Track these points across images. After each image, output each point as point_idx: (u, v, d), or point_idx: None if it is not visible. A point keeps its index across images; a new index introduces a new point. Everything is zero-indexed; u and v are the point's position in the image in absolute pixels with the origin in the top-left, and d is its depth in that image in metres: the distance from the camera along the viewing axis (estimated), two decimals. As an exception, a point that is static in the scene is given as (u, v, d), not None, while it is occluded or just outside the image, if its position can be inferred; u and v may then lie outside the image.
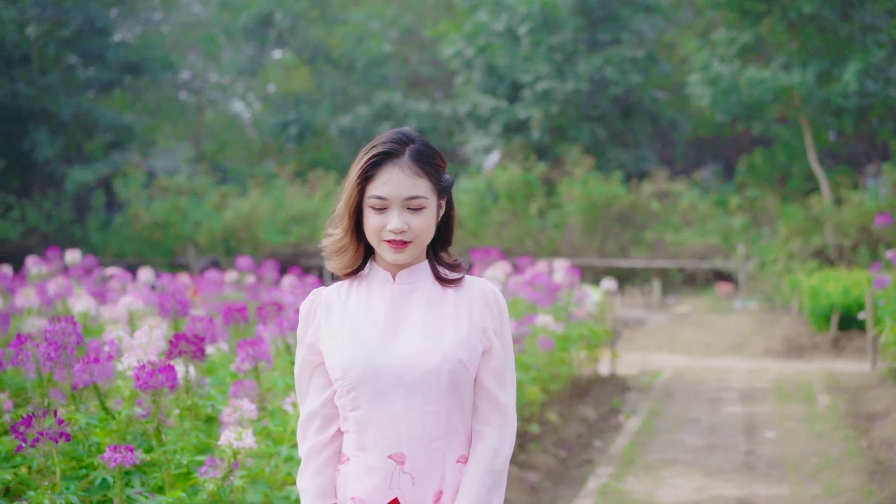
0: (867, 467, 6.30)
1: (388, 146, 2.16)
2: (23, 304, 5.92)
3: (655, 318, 15.78)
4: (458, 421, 2.19)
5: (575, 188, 20.27)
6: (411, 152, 2.16)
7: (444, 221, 2.25)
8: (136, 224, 21.94)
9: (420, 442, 2.14)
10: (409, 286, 2.20)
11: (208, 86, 31.50)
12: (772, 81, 17.73)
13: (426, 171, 2.17)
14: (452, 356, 2.14)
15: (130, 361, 3.49)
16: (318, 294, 2.26)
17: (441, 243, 2.27)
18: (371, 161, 2.15)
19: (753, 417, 8.29)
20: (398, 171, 2.14)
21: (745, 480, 6.25)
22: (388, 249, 2.16)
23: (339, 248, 2.21)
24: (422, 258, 2.23)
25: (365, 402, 2.14)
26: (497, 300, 2.24)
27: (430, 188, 2.17)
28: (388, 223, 2.14)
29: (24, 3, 21.85)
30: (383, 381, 2.13)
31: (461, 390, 2.17)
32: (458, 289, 2.23)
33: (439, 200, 2.21)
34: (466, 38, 23.47)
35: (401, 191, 2.13)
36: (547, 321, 7.19)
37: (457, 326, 2.17)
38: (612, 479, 6.28)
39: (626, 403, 8.98)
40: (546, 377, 7.14)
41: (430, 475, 2.15)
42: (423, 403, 2.14)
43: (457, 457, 2.19)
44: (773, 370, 10.92)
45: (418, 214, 2.15)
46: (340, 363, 2.15)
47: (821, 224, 17.06)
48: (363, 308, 2.20)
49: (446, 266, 2.25)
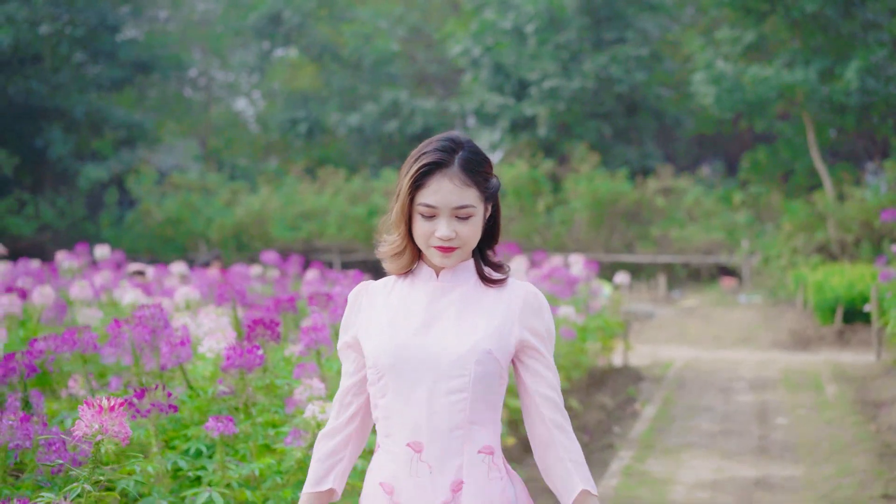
0: (876, 450, 6.62)
1: (437, 155, 2.17)
2: (77, 296, 6.24)
3: (663, 311, 16.11)
4: (484, 412, 2.20)
5: (581, 185, 20.60)
6: (460, 161, 2.18)
7: (490, 223, 2.29)
8: (149, 221, 22.26)
9: (440, 431, 2.16)
10: (451, 283, 2.25)
11: (214, 83, 31.79)
12: (775, 79, 18.04)
13: (475, 181, 2.19)
14: (480, 346, 2.16)
15: (210, 344, 3.80)
16: (365, 286, 2.33)
17: (487, 242, 2.31)
18: (421, 171, 2.17)
19: (765, 405, 8.61)
20: (447, 180, 2.16)
21: (760, 462, 6.58)
22: (436, 254, 2.20)
23: (397, 253, 2.26)
24: (468, 259, 2.27)
25: (392, 390, 2.19)
26: (539, 301, 2.27)
27: (478, 196, 2.19)
28: (436, 230, 2.17)
29: (37, 3, 22.14)
30: (411, 368, 2.17)
31: (489, 381, 2.18)
32: (501, 289, 2.26)
33: (486, 206, 2.23)
34: (474, 37, 23.80)
35: (450, 200, 2.16)
36: (569, 312, 7.51)
37: (489, 319, 2.20)
38: (634, 461, 6.61)
39: (640, 392, 9.30)
40: (569, 365, 7.47)
41: (448, 465, 2.16)
42: (447, 392, 2.16)
43: (479, 447, 2.19)
44: (781, 361, 11.24)
45: (466, 223, 2.18)
46: (373, 351, 2.21)
47: (823, 220, 17.37)
48: (403, 301, 2.26)
49: (491, 266, 2.29)
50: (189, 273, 8.66)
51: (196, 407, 3.63)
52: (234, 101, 33.01)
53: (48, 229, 22.36)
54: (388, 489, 2.19)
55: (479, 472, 2.18)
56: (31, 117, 22.48)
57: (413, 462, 2.16)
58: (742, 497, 5.74)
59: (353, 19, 28.09)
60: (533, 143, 23.26)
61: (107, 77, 24.32)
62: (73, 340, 3.68)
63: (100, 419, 2.38)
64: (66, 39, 22.94)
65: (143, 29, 28.43)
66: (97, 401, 2.41)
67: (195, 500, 3.04)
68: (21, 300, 5.77)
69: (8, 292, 5.95)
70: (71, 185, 23.30)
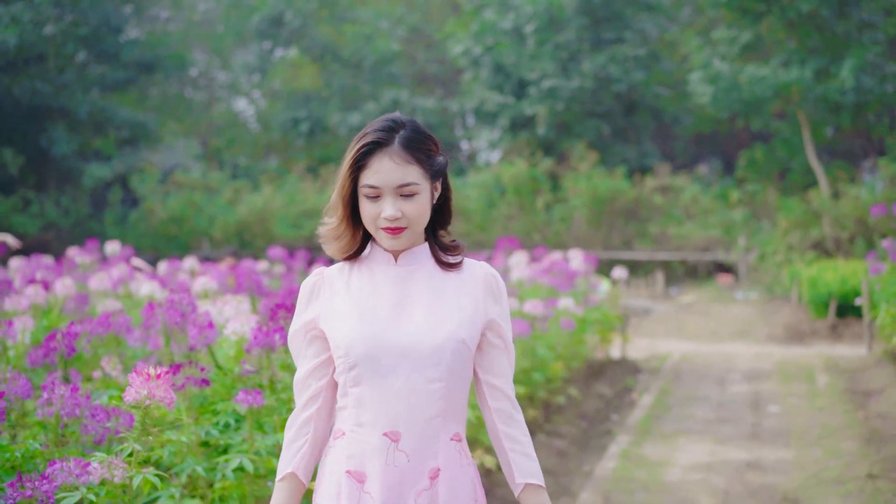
0: (864, 435, 6.89)
1: (376, 135, 2.17)
2: (97, 287, 6.51)
3: (660, 307, 16.38)
4: (457, 400, 2.22)
5: (580, 183, 20.88)
6: (401, 139, 2.18)
7: (441, 203, 2.29)
8: (152, 219, 22.53)
9: (418, 420, 2.17)
10: (412, 267, 2.25)
11: (215, 83, 32.05)
12: (771, 79, 18.32)
13: (416, 158, 2.18)
14: (455, 335, 2.18)
15: (235, 327, 4.06)
16: (320, 274, 2.31)
17: (440, 223, 2.31)
18: (361, 151, 2.17)
19: (758, 395, 8.88)
20: (388, 159, 2.16)
21: (752, 446, 6.85)
22: (385, 236, 2.20)
23: (335, 235, 2.26)
24: (421, 240, 2.27)
25: (367, 379, 2.17)
26: (498, 284, 2.29)
27: (422, 174, 2.19)
28: (382, 211, 2.17)
29: (42, 4, 22.39)
30: (387, 358, 2.17)
31: (462, 369, 2.21)
32: (459, 271, 2.28)
33: (433, 184, 2.23)
34: (474, 37, 24.08)
35: (391, 179, 2.16)
36: (568, 304, 7.78)
37: (459, 307, 2.22)
38: (632, 446, 6.88)
39: (638, 383, 9.57)
40: (568, 355, 7.74)
41: (425, 453, 2.18)
42: (424, 381, 2.17)
43: (451, 435, 2.22)
44: (776, 354, 11.51)
45: (411, 201, 2.18)
46: (345, 341, 2.18)
47: (819, 217, 17.62)
48: (367, 288, 2.24)
49: (445, 247, 2.29)
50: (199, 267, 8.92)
51: (221, 385, 3.90)
52: (235, 101, 33.28)
53: (53, 227, 22.62)
54: (359, 477, 2.18)
55: (453, 460, 2.21)
56: (35, 117, 22.73)
57: (390, 451, 2.16)
58: (734, 477, 6.01)
59: (354, 20, 28.37)
60: (532, 141, 23.54)
61: (111, 77, 24.58)
62: (107, 323, 3.95)
63: (148, 385, 2.64)
64: (71, 40, 23.19)
65: (145, 29, 28.70)
66: (145, 369, 2.67)
67: (227, 465, 3.31)
68: (45, 291, 6.04)
69: (31, 284, 6.22)
70: (75, 184, 23.57)
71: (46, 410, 3.09)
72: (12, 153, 22.10)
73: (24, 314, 5.72)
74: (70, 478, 2.68)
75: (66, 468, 2.67)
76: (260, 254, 20.20)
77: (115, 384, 4.08)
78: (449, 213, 2.31)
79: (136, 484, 2.67)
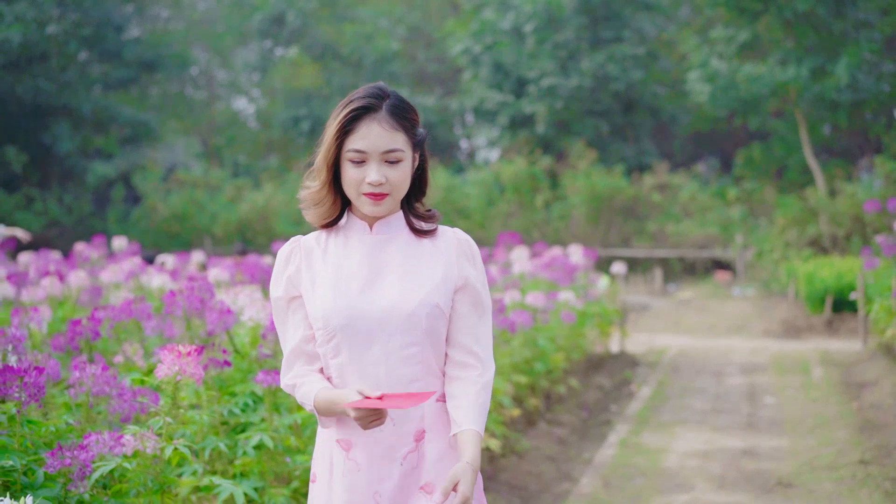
0: (857, 424, 7.08)
1: (366, 101, 2.20)
2: (110, 280, 6.68)
3: (659, 303, 16.57)
4: (434, 362, 2.25)
5: (579, 181, 21.07)
6: (388, 106, 2.20)
7: (419, 174, 2.31)
8: (154, 216, 22.72)
9: (399, 385, 2.19)
10: (386, 236, 2.27)
11: (216, 82, 32.23)
12: (768, 77, 18.51)
13: (402, 125, 2.21)
14: (429, 300, 2.21)
15: (251, 314, 4.23)
16: (296, 242, 2.33)
17: (415, 195, 2.32)
18: (350, 115, 2.19)
19: (754, 387, 9.07)
20: (376, 125, 2.18)
21: (748, 435, 7.03)
22: (367, 202, 2.21)
23: (317, 200, 2.27)
24: (397, 209, 2.29)
25: (345, 349, 2.20)
26: (472, 248, 2.32)
27: (407, 141, 2.22)
28: (366, 176, 2.19)
29: (45, 3, 22.56)
30: (363, 327, 2.19)
31: (437, 333, 2.24)
32: (434, 238, 2.30)
33: (414, 153, 2.26)
34: (474, 36, 24.27)
35: (379, 144, 2.18)
36: (569, 297, 7.96)
37: (432, 273, 2.24)
38: (631, 435, 7.07)
39: (636, 376, 9.76)
40: (569, 347, 7.92)
41: (410, 416, 2.22)
42: (401, 347, 2.19)
43: (437, 396, 2.25)
44: (772, 348, 11.70)
45: (396, 167, 2.20)
46: (322, 312, 2.21)
47: (816, 215, 17.81)
48: (342, 258, 2.26)
49: (420, 216, 2.31)
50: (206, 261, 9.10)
51: (237, 369, 4.07)
52: (235, 100, 33.46)
53: (56, 225, 22.79)
54: (346, 445, 2.22)
55: (439, 420, 2.25)
56: (38, 115, 22.91)
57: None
58: (730, 463, 6.19)
59: (354, 19, 28.56)
60: (531, 139, 23.73)
61: (113, 76, 24.76)
62: (129, 310, 4.12)
63: (179, 362, 2.81)
64: (74, 39, 23.36)
65: (147, 28, 28.88)
66: (175, 347, 2.84)
67: (247, 442, 3.49)
68: (60, 283, 6.22)
69: (46, 276, 6.39)
70: (78, 182, 23.75)
71: (78, 389, 3.26)
72: (16, 151, 22.28)
73: (41, 305, 5.90)
74: (105, 449, 2.85)
75: (101, 440, 2.85)
76: (262, 250, 20.36)
77: (136, 368, 4.25)
78: (425, 184, 2.33)
79: (168, 455, 2.84)
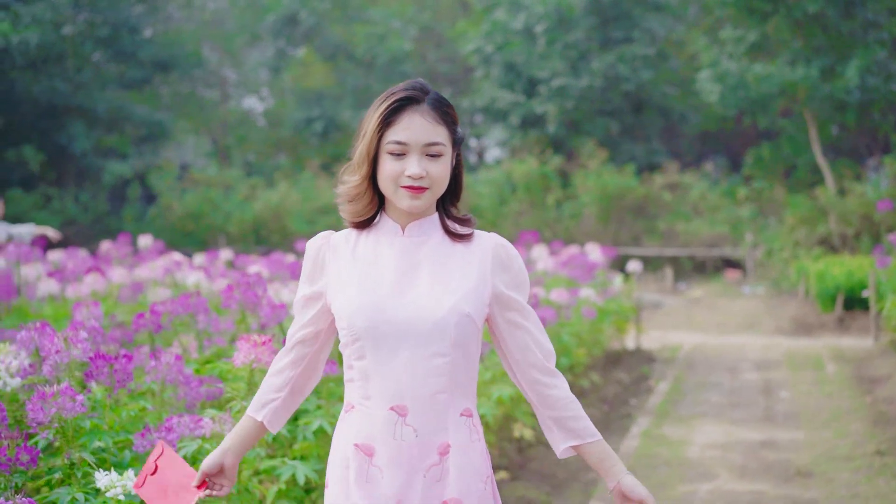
0: (871, 418, 7.29)
1: (409, 92, 2.15)
2: (148, 276, 6.92)
3: (670, 301, 16.78)
4: (463, 375, 2.17)
5: (589, 180, 21.29)
6: (431, 100, 2.16)
7: (454, 175, 2.24)
8: (170, 215, 22.98)
9: (423, 395, 2.12)
10: (419, 239, 2.20)
11: (228, 82, 32.48)
12: (777, 77, 18.68)
13: (444, 120, 2.17)
14: (459, 309, 2.12)
15: (300, 308, 4.47)
16: (325, 237, 2.28)
17: (451, 197, 2.25)
18: (393, 106, 2.14)
19: (769, 382, 9.28)
20: (419, 116, 2.14)
21: (765, 428, 7.25)
22: (406, 195, 2.14)
23: (355, 195, 2.21)
24: (433, 210, 2.23)
25: (370, 352, 2.12)
26: (508, 253, 2.23)
27: (448, 136, 2.17)
28: (406, 169, 2.12)
29: (61, 5, 22.83)
30: (389, 331, 2.11)
31: (467, 344, 2.15)
32: (468, 243, 2.21)
33: (453, 151, 2.20)
34: (485, 36, 24.49)
35: (421, 136, 2.13)
36: (590, 294, 8.18)
37: (464, 280, 2.16)
38: (652, 427, 7.29)
39: (653, 371, 9.97)
40: (590, 342, 8.14)
41: (434, 428, 2.13)
42: (428, 356, 2.11)
43: (461, 410, 2.17)
44: (784, 345, 11.90)
45: (436, 161, 2.14)
46: (348, 312, 2.14)
47: (825, 213, 17.98)
48: (371, 259, 2.19)
49: (456, 220, 2.24)
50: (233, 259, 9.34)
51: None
52: (246, 99, 33.70)
53: (72, 224, 23.05)
54: (368, 451, 2.14)
55: (463, 435, 2.16)
56: (54, 115, 23.18)
57: (398, 425, 2.11)
58: (749, 454, 6.41)
59: (366, 20, 28.80)
60: (542, 139, 23.95)
61: (127, 76, 25.03)
62: (186, 304, 4.35)
63: (255, 351, 3.04)
64: (89, 39, 23.64)
65: (159, 29, 29.13)
66: (251, 337, 3.07)
67: (307, 427, 3.72)
68: (103, 280, 6.46)
69: (88, 273, 6.63)
70: (94, 181, 24.03)
71: (154, 377, 3.49)
72: (33, 150, 22.56)
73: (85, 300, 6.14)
74: (185, 431, 3.08)
75: (183, 422, 3.08)
76: (277, 249, 20.58)
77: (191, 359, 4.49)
78: (460, 187, 2.26)
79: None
